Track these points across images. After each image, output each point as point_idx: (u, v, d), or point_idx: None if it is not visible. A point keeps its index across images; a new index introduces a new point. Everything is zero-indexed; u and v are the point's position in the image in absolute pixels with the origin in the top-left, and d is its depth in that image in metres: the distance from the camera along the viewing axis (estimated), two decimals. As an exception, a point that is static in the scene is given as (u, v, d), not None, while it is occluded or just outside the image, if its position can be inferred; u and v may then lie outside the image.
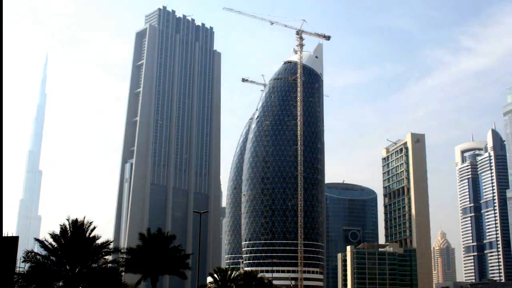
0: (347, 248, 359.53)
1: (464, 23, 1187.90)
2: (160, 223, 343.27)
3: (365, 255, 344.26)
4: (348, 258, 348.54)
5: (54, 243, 73.93)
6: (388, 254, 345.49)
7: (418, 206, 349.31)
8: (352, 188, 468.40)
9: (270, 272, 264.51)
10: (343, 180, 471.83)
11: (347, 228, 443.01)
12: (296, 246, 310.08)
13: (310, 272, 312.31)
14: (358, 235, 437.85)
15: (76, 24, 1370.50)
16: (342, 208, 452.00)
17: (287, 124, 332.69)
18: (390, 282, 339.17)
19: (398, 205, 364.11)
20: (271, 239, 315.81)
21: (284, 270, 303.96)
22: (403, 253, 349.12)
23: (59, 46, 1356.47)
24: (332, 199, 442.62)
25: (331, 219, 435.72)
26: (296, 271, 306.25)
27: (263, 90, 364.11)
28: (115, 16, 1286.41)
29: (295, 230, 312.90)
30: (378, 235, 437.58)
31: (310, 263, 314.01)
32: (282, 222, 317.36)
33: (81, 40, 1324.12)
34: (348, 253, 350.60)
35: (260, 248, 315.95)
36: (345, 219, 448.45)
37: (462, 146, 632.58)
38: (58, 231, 74.64)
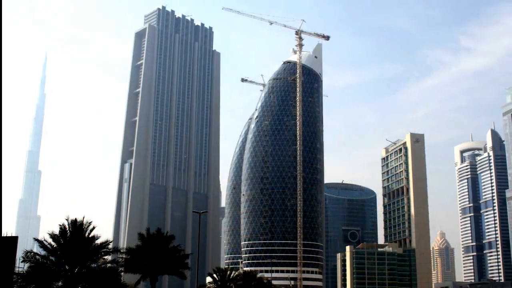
0: (347, 248, 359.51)
1: (463, 23, 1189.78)
2: (160, 223, 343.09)
3: (364, 255, 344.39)
4: (348, 258, 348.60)
5: (53, 243, 73.98)
6: (387, 254, 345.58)
7: (418, 206, 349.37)
8: (351, 188, 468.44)
9: (270, 272, 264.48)
10: (342, 180, 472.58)
11: (346, 228, 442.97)
12: (295, 246, 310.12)
13: (309, 272, 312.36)
14: (357, 235, 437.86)
15: (76, 24, 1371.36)
16: (341, 208, 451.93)
17: (286, 124, 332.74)
18: (389, 282, 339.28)
19: (398, 205, 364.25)
20: (270, 239, 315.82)
21: (283, 270, 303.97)
22: (402, 253, 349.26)
23: (59, 46, 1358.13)
24: (331, 199, 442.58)
25: (330, 219, 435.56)
26: (296, 271, 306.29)
27: (262, 90, 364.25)
28: (114, 16, 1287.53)
29: (294, 230, 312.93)
30: (377, 235, 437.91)
31: (309, 263, 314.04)
32: (281, 222, 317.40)
33: (80, 40, 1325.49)
34: (348, 253, 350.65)
35: (259, 248, 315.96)
36: (344, 219, 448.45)
37: (462, 146, 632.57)
38: (57, 231, 74.73)
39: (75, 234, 74.87)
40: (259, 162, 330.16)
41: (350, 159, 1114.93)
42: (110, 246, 78.76)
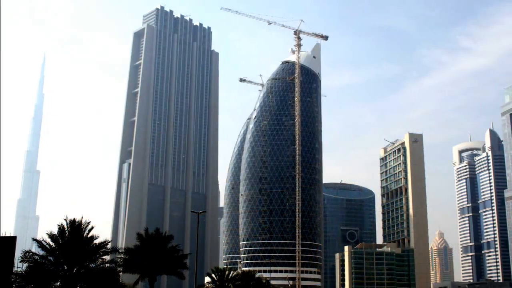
0: (345, 248, 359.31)
1: (461, 23, 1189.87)
2: (158, 223, 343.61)
3: (363, 255, 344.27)
4: (346, 258, 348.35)
5: (52, 243, 74.06)
6: (386, 254, 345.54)
7: (416, 206, 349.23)
8: (350, 188, 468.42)
9: (268, 272, 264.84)
10: (341, 180, 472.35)
11: (345, 228, 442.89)
12: (294, 246, 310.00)
13: (308, 272, 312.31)
14: (356, 235, 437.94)
15: (74, 24, 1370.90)
16: (340, 208, 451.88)
17: (285, 124, 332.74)
18: (388, 282, 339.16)
19: (396, 205, 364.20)
20: (269, 239, 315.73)
21: (282, 270, 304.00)
22: (401, 253, 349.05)
23: (57, 46, 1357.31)
24: (329, 199, 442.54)
25: (329, 219, 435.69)
26: (294, 271, 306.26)
27: (261, 90, 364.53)
28: (113, 16, 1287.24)
29: (293, 230, 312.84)
30: (376, 235, 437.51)
31: (308, 263, 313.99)
32: (280, 222, 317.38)
33: (79, 40, 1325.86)
34: (346, 253, 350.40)
35: (258, 248, 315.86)
36: (342, 219, 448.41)
37: (460, 146, 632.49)
38: (56, 231, 74.85)
39: (74, 234, 74.93)
40: (257, 162, 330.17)
41: (349, 159, 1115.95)
42: (109, 246, 78.87)
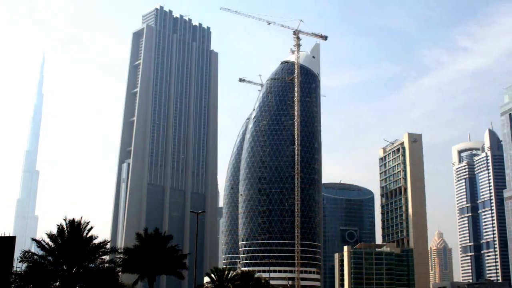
0: (344, 248, 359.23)
1: (461, 23, 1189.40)
2: (157, 223, 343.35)
3: (362, 255, 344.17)
4: (345, 258, 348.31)
5: (51, 243, 74.09)
6: (385, 254, 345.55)
7: (415, 206, 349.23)
8: (349, 188, 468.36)
9: (267, 272, 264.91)
10: (340, 180, 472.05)
11: (344, 228, 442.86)
12: (293, 246, 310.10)
13: (307, 272, 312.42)
14: (355, 235, 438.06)
15: (73, 24, 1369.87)
16: (339, 208, 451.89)
17: (284, 124, 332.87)
18: (387, 282, 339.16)
19: (395, 205, 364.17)
20: (268, 239, 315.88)
21: (281, 270, 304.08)
22: (400, 253, 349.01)
23: (56, 46, 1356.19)
24: (329, 199, 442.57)
25: (328, 219, 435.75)
26: (293, 271, 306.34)
27: (260, 90, 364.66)
28: (112, 16, 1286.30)
29: (292, 230, 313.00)
30: (375, 235, 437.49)
31: (307, 263, 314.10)
32: (279, 222, 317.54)
33: (78, 40, 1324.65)
34: (345, 253, 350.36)
35: (257, 248, 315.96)
36: (342, 219, 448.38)
37: (459, 146, 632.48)
38: (55, 231, 74.89)
39: (73, 234, 74.94)
40: (257, 162, 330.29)
41: (348, 159, 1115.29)
42: (108, 246, 78.92)
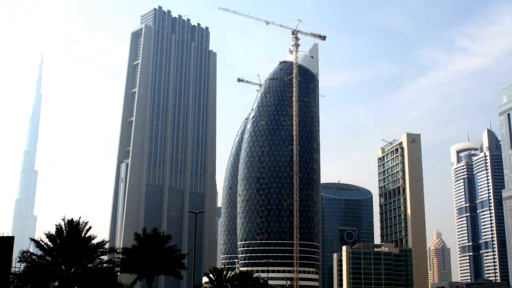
0: (343, 248, 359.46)
1: (459, 23, 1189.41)
2: (156, 223, 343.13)
3: (360, 255, 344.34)
4: (344, 258, 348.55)
5: (50, 243, 74.09)
6: (384, 254, 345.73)
7: (414, 206, 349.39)
8: (347, 188, 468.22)
9: (266, 272, 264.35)
10: (338, 180, 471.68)
11: (343, 228, 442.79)
12: (291, 246, 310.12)
13: (305, 272, 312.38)
14: (354, 235, 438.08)
15: (72, 24, 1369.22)
16: (337, 208, 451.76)
17: (283, 124, 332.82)
18: (385, 282, 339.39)
19: (394, 205, 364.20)
20: (267, 239, 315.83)
21: (280, 270, 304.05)
22: (398, 253, 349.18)
23: (55, 46, 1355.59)
24: (327, 199, 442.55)
25: (327, 219, 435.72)
26: (292, 271, 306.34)
27: (258, 90, 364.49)
28: (111, 16, 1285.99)
29: (291, 230, 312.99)
30: (373, 235, 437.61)
31: (306, 263, 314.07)
32: (277, 222, 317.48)
33: (77, 40, 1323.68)
34: (344, 253, 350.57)
35: (256, 248, 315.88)
36: (340, 219, 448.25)
37: (458, 146, 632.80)
38: (53, 231, 74.88)
39: (72, 234, 74.95)
40: (255, 162, 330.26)
41: (347, 159, 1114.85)
42: (107, 246, 78.92)
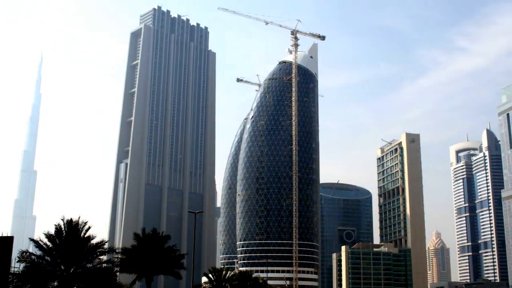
0: (342, 248, 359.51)
1: (459, 23, 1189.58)
2: (155, 223, 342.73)
3: (360, 255, 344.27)
4: (343, 258, 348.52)
5: (49, 243, 74.03)
6: (383, 254, 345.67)
7: (413, 206, 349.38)
8: (346, 188, 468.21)
9: (265, 272, 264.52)
10: (337, 180, 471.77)
11: (342, 228, 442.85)
12: (291, 246, 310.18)
13: (304, 272, 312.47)
14: (353, 235, 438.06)
15: (72, 24, 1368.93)
16: (336, 208, 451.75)
17: (282, 124, 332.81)
18: (384, 282, 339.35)
19: (393, 205, 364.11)
20: (266, 239, 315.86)
21: (279, 270, 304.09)
22: (397, 253, 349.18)
23: (54, 46, 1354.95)
24: (326, 199, 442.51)
25: (326, 219, 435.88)
26: (291, 271, 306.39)
27: (258, 90, 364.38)
28: (110, 16, 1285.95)
29: (290, 230, 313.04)
30: (373, 235, 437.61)
31: (305, 263, 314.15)
32: (277, 222, 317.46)
33: (76, 40, 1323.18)
34: (343, 253, 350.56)
35: (255, 248, 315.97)
36: (339, 219, 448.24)
37: (457, 146, 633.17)
38: (53, 231, 74.84)
39: (71, 234, 74.91)
40: (254, 162, 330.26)
41: (346, 159, 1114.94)
42: (106, 246, 78.82)
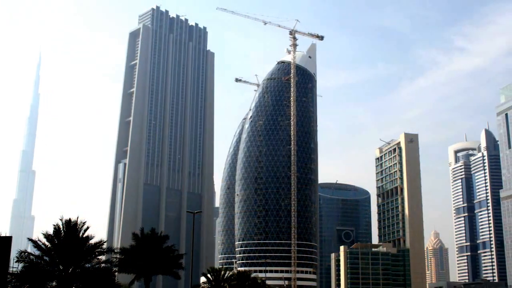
0: (341, 248, 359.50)
1: (457, 23, 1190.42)
2: (154, 223, 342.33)
3: (358, 255, 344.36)
4: (342, 258, 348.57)
5: (48, 243, 73.96)
6: (382, 254, 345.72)
7: (412, 206, 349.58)
8: (345, 188, 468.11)
9: (264, 272, 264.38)
10: (336, 180, 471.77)
11: (341, 228, 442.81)
12: (289, 246, 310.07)
13: (303, 272, 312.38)
14: (352, 235, 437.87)
15: (70, 24, 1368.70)
16: (335, 208, 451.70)
17: (281, 124, 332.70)
18: (383, 282, 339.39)
19: (392, 205, 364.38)
20: (265, 239, 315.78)
21: (278, 270, 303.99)
22: (396, 253, 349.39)
23: (55, 46, 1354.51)
24: (325, 199, 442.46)
25: (325, 219, 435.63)
26: (290, 271, 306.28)
27: (256, 90, 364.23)
28: (109, 16, 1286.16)
29: (289, 230, 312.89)
30: (371, 235, 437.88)
31: (304, 263, 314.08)
32: (275, 222, 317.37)
33: (74, 40, 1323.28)
34: (342, 253, 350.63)
35: (254, 248, 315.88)
36: (338, 219, 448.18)
37: (456, 146, 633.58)
38: (51, 231, 74.74)
39: (69, 234, 74.85)
40: (253, 162, 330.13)
41: (344, 159, 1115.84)
42: (104, 246, 78.77)
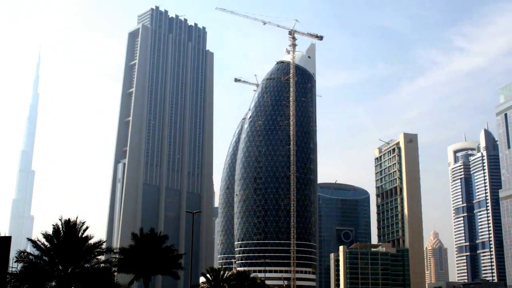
0: (340, 248, 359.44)
1: (457, 23, 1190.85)
2: (153, 223, 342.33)
3: (357, 255, 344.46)
4: (341, 258, 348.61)
5: (47, 243, 73.96)
6: (381, 254, 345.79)
7: (411, 206, 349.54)
8: (344, 188, 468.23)
9: (263, 272, 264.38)
10: (335, 180, 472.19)
11: (340, 228, 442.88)
12: (288, 246, 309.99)
13: (302, 272, 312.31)
14: (351, 235, 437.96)
15: (69, 24, 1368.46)
16: (334, 208, 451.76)
17: (280, 124, 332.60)
18: (382, 282, 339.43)
19: (391, 205, 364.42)
20: (264, 239, 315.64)
21: (277, 270, 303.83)
22: (395, 253, 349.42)
23: (55, 46, 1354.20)
24: (324, 199, 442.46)
25: (324, 219, 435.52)
26: (289, 271, 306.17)
27: (255, 90, 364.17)
28: (108, 16, 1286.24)
29: (288, 230, 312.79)
30: (370, 235, 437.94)
31: (303, 263, 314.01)
32: (274, 222, 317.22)
33: (74, 40, 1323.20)
34: (341, 253, 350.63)
35: (253, 248, 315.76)
36: (337, 219, 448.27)
37: (455, 146, 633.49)
38: (50, 231, 74.76)
39: (69, 234, 74.84)
40: (252, 162, 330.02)
41: (344, 159, 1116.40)
42: (104, 246, 78.78)
